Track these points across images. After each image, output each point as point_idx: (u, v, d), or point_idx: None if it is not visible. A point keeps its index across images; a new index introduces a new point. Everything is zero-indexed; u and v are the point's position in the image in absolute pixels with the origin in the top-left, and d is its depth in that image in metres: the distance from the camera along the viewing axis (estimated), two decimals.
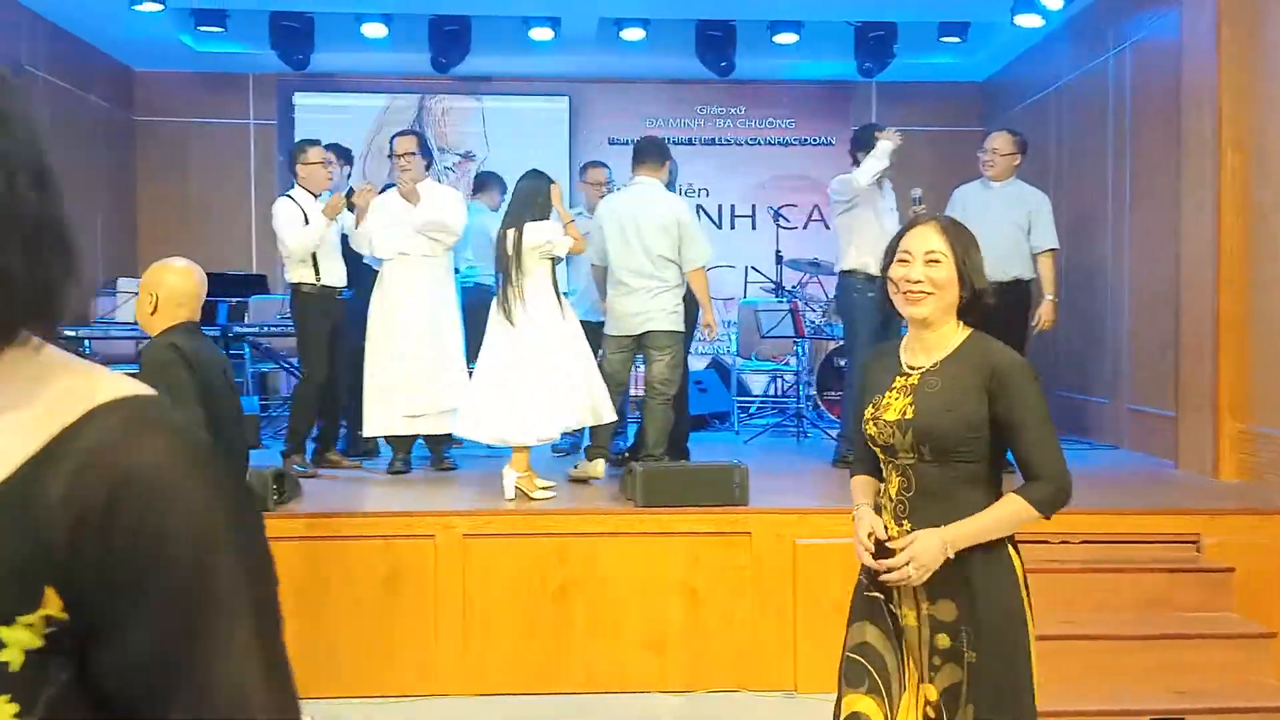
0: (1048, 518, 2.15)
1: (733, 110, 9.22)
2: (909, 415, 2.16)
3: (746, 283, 8.48)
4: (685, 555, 4.28)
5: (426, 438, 5.46)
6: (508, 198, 5.27)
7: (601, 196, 5.86)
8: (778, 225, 8.24)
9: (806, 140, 9.23)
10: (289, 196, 5.44)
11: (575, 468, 5.06)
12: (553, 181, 5.00)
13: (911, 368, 2.23)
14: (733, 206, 9.26)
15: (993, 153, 5.47)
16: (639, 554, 4.28)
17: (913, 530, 2.15)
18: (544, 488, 4.61)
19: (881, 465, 2.27)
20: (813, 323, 7.49)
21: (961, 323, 2.23)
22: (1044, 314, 5.43)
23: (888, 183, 5.58)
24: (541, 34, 7.71)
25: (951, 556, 2.10)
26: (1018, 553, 2.21)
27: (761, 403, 8.24)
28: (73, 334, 6.62)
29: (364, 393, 5.33)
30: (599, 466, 4.97)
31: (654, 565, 4.27)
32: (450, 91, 8.94)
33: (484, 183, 6.80)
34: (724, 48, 7.90)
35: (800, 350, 7.32)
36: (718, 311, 5.40)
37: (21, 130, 0.77)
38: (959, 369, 2.16)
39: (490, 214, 6.30)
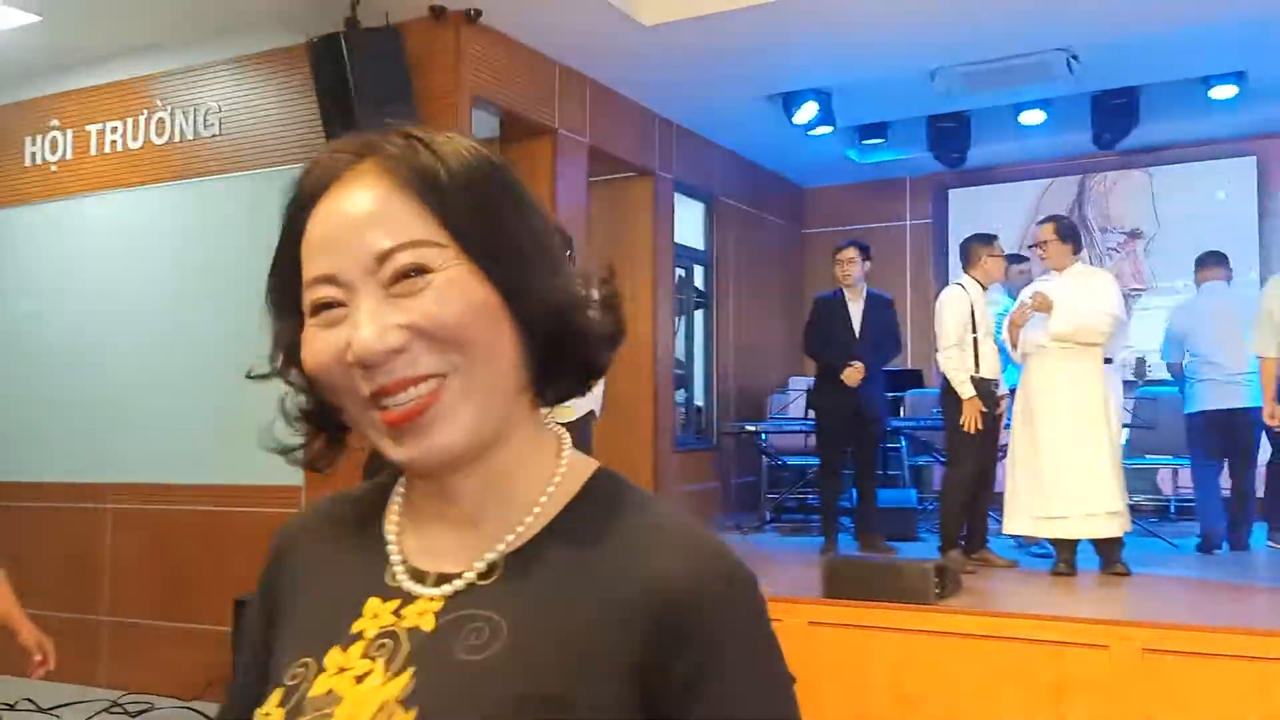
0: None
1: None
2: None
3: None
4: None
5: (1095, 540, 5.01)
6: None
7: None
8: None
9: None
10: (960, 285, 5.45)
11: None
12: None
13: (419, 574, 0.77)
14: None
15: None
16: None
17: None
18: None
19: None
20: None
21: (557, 429, 0.82)
22: None
23: None
24: (1223, 92, 6.92)
25: None
26: None
27: None
28: (752, 429, 7.35)
29: (1005, 489, 5.13)
30: None
31: None
32: (1114, 167, 8.40)
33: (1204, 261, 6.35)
34: None
35: None
36: None
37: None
38: (560, 591, 0.73)
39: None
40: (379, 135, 0.75)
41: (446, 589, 0.74)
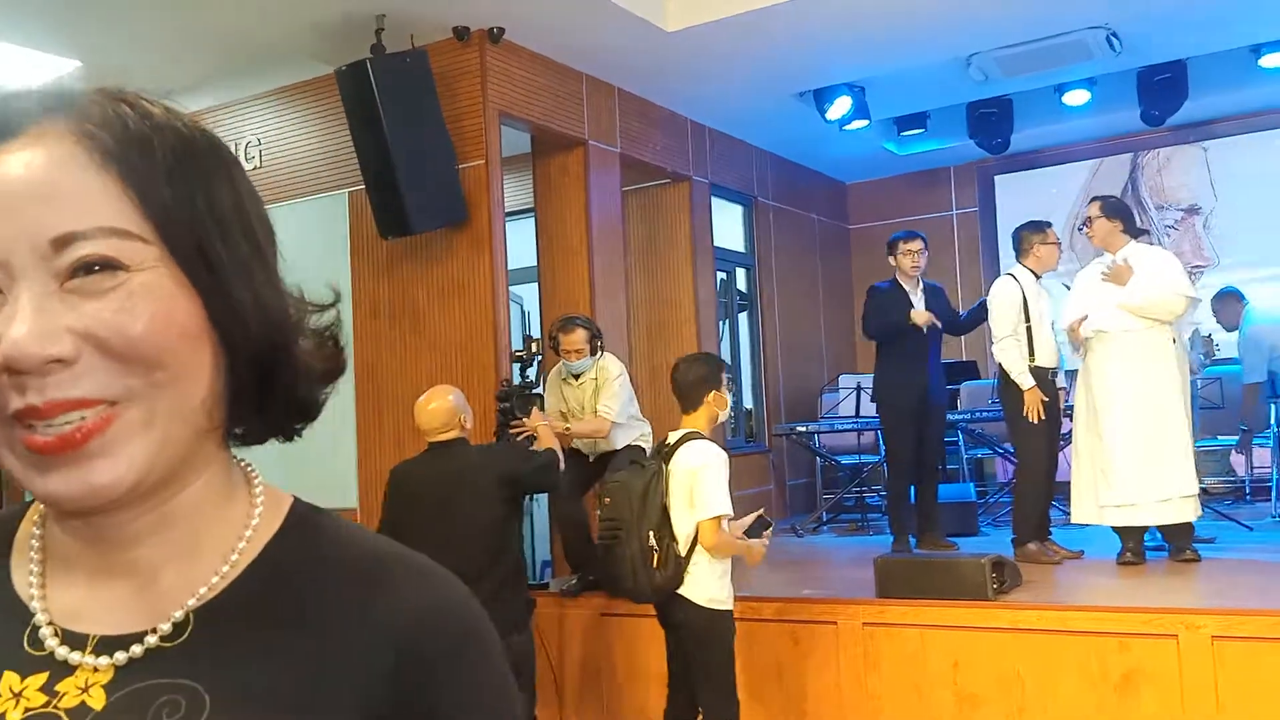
0: None
1: None
2: None
3: None
4: None
5: (1162, 526, 4.84)
6: None
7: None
8: None
9: None
10: (1011, 276, 5.33)
11: None
12: None
13: (74, 638, 0.61)
14: None
15: None
16: None
17: None
18: None
19: None
20: None
21: (244, 463, 0.69)
22: None
23: None
24: (1274, 60, 6.70)
25: None
26: None
27: None
28: (803, 429, 7.26)
29: (1071, 478, 4.98)
30: None
31: None
32: (1166, 144, 8.16)
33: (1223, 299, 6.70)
34: None
35: None
36: None
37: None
38: (270, 646, 0.61)
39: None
40: (76, 90, 0.60)
41: (120, 656, 0.59)
